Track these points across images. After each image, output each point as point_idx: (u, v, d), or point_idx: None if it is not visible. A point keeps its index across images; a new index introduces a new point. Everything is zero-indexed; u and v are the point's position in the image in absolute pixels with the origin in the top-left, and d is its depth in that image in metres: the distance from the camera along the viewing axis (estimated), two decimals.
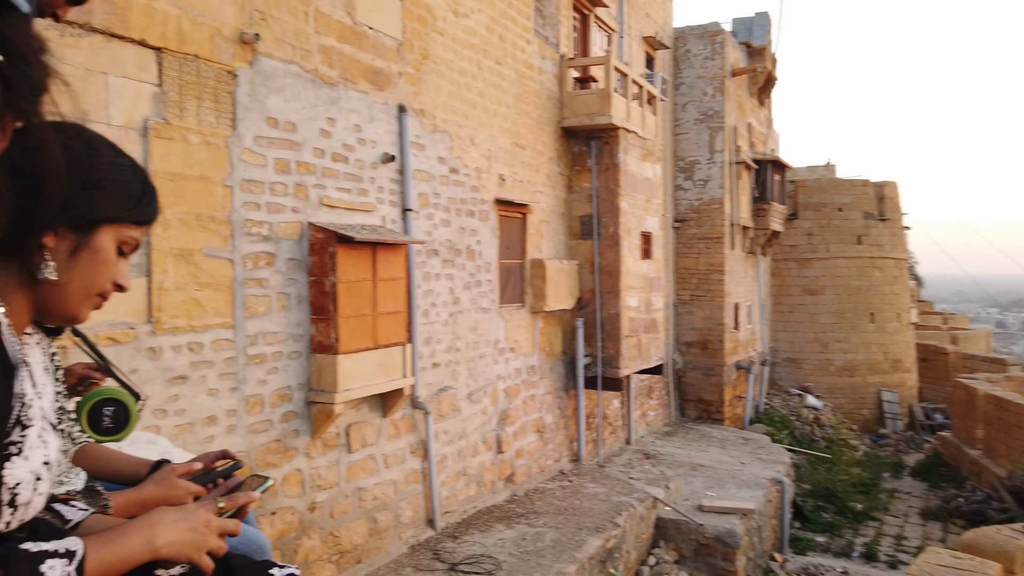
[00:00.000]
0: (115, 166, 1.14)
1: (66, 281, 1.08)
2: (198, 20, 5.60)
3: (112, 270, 1.14)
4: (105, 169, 1.12)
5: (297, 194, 6.62)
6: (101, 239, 1.11)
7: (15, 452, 0.97)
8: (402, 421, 8.00)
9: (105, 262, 1.12)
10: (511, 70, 10.31)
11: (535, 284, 10.89)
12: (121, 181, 1.14)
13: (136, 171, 1.18)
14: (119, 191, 1.13)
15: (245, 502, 1.32)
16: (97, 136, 1.14)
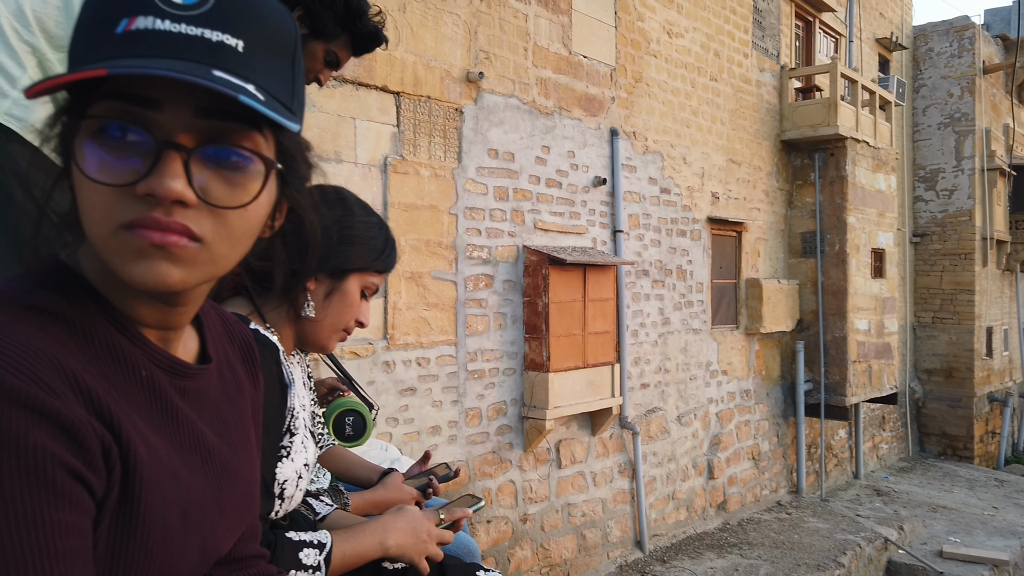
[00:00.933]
0: (365, 224, 1.39)
1: (321, 318, 1.35)
2: (431, 64, 6.16)
3: (356, 310, 1.41)
4: (357, 228, 1.37)
5: (514, 219, 7.00)
6: (349, 284, 1.36)
7: (284, 455, 1.21)
8: (611, 440, 8.10)
9: (351, 304, 1.38)
10: (727, 85, 10.08)
11: (750, 304, 10.51)
12: (369, 237, 1.38)
13: (381, 228, 1.42)
14: (367, 246, 1.37)
15: (460, 517, 1.53)
16: (353, 198, 1.40)
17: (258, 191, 0.62)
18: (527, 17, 7.05)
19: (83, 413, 0.57)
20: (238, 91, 0.56)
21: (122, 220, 0.58)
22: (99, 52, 0.57)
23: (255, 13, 0.61)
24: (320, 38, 1.87)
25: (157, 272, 0.59)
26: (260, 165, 0.62)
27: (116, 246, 0.59)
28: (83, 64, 0.58)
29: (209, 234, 0.61)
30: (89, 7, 0.60)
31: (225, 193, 0.61)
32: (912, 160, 16.53)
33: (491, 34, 6.71)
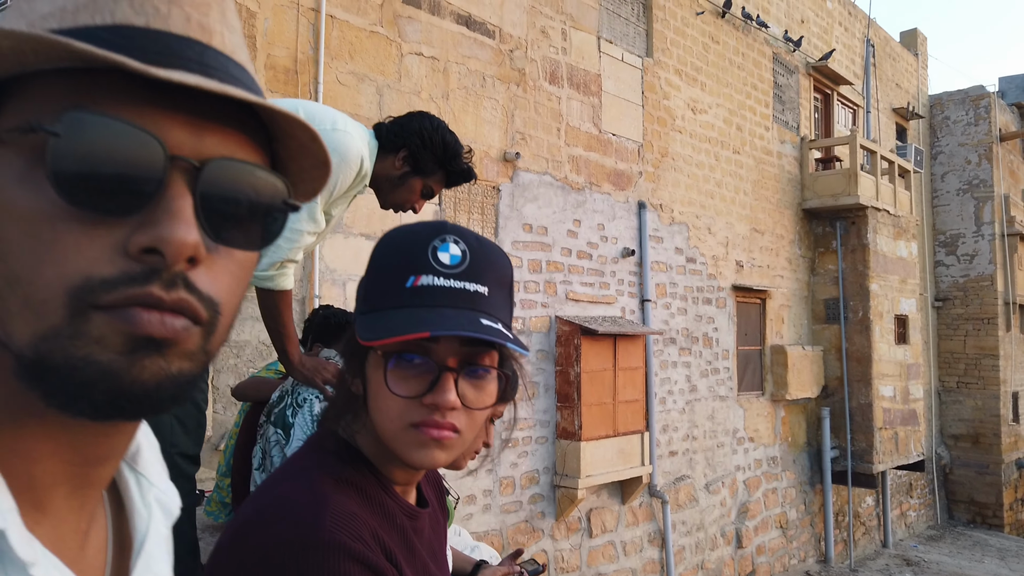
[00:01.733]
0: None
1: None
2: (472, 146, 6.48)
3: None
4: None
5: (547, 290, 7.23)
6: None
7: None
8: (640, 509, 8.15)
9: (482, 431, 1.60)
10: (749, 157, 10.39)
11: (775, 371, 10.60)
12: None
13: None
14: None
15: None
16: None
17: (496, 395, 0.85)
18: (560, 100, 7.41)
19: (385, 561, 0.80)
20: (501, 337, 0.80)
21: (411, 420, 0.82)
22: (396, 300, 0.82)
23: (493, 264, 0.86)
24: (420, 175, 2.13)
25: (432, 457, 0.83)
26: (496, 374, 0.86)
27: (404, 439, 0.82)
28: (386, 307, 0.82)
29: (464, 426, 0.83)
30: (379, 262, 0.86)
31: (475, 397, 0.84)
32: (932, 225, 16.70)
33: (527, 116, 7.05)
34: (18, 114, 0.44)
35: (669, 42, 9.00)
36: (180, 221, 0.43)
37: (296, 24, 5.23)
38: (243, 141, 0.49)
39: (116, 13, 0.45)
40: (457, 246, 0.85)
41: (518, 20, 7.01)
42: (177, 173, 0.45)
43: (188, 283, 0.45)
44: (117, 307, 0.43)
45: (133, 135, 0.43)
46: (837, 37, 12.96)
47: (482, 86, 6.64)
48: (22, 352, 0.43)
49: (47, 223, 0.42)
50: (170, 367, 0.45)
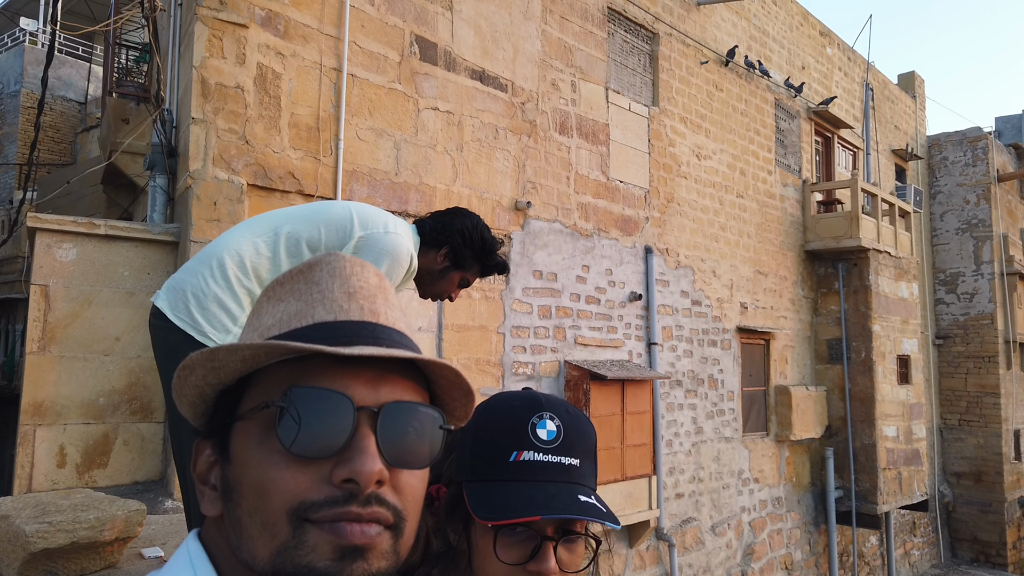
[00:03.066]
0: None
1: None
2: (483, 196, 6.65)
3: None
4: None
5: (556, 335, 7.35)
6: None
7: None
8: (648, 552, 8.19)
9: None
10: (752, 201, 10.58)
11: (780, 412, 10.68)
12: None
13: None
14: None
15: None
16: None
17: (589, 557, 0.96)
18: (569, 149, 7.60)
19: None
20: (598, 516, 0.90)
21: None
22: (501, 473, 0.93)
23: (583, 435, 0.97)
24: (459, 269, 2.27)
25: None
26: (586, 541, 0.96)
27: None
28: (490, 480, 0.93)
29: None
30: (485, 437, 0.96)
31: (569, 560, 0.94)
32: (932, 264, 16.87)
33: (537, 166, 7.23)
34: (256, 397, 0.63)
35: (675, 91, 9.22)
36: (368, 456, 0.60)
37: (319, 84, 5.42)
38: (408, 386, 0.66)
39: (315, 315, 0.66)
40: (553, 422, 0.94)
41: (530, 74, 7.22)
42: (363, 419, 0.62)
43: (379, 498, 0.61)
44: (325, 522, 0.58)
45: (331, 396, 0.61)
46: (837, 82, 13.24)
47: (495, 138, 6.82)
48: (264, 569, 0.58)
49: (274, 468, 0.60)
50: (371, 567, 0.60)
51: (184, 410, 0.66)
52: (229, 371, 0.63)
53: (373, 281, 0.70)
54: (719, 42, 10.11)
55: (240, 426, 0.63)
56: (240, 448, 0.62)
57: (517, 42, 7.12)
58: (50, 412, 4.38)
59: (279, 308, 0.67)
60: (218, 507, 0.64)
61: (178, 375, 0.63)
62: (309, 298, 0.66)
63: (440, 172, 6.30)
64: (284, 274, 0.70)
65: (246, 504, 0.60)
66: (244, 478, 0.61)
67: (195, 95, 4.72)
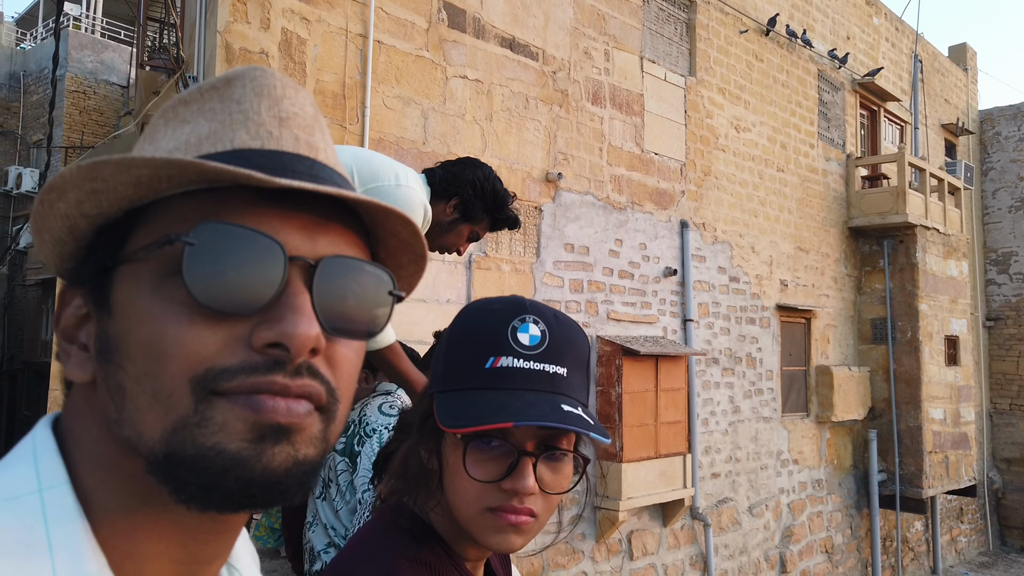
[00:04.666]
0: None
1: None
2: (513, 167, 6.53)
3: None
4: None
5: (588, 310, 7.22)
6: None
7: None
8: (682, 532, 8.05)
9: None
10: (794, 175, 10.27)
11: (821, 392, 10.40)
12: None
13: None
14: None
15: None
16: None
17: (575, 477, 0.84)
18: (602, 120, 7.43)
19: None
20: (582, 426, 0.78)
21: (488, 505, 0.81)
22: (475, 381, 0.82)
23: (571, 343, 0.85)
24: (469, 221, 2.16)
25: (509, 543, 0.82)
26: (571, 456, 0.86)
27: (481, 522, 0.82)
28: (464, 387, 0.82)
29: (540, 510, 0.83)
30: (459, 342, 0.85)
31: (553, 480, 0.83)
32: (983, 243, 16.27)
33: (569, 137, 7.08)
34: (151, 235, 0.48)
35: (712, 61, 8.96)
36: (303, 316, 0.47)
37: (344, 50, 5.35)
38: (351, 240, 0.53)
39: (235, 140, 0.50)
40: (537, 326, 0.84)
41: (561, 42, 7.06)
42: (296, 271, 0.48)
43: (312, 370, 0.48)
44: (240, 394, 0.45)
45: (258, 240, 0.47)
46: (884, 53, 12.76)
47: (525, 107, 6.69)
48: (153, 449, 0.45)
49: (174, 322, 0.46)
50: (297, 453, 0.47)
51: (45, 251, 0.51)
52: (115, 197, 0.47)
53: (310, 110, 0.54)
54: (759, 10, 9.79)
55: (127, 270, 0.48)
56: (126, 298, 0.47)
57: (548, 9, 6.95)
58: None
59: (183, 130, 0.51)
60: (88, 371, 0.49)
61: (41, 201, 0.47)
62: (227, 119, 0.51)
63: (469, 142, 6.19)
64: (190, 90, 0.53)
65: (132, 368, 0.46)
66: (131, 335, 0.47)
67: (219, 60, 4.68)
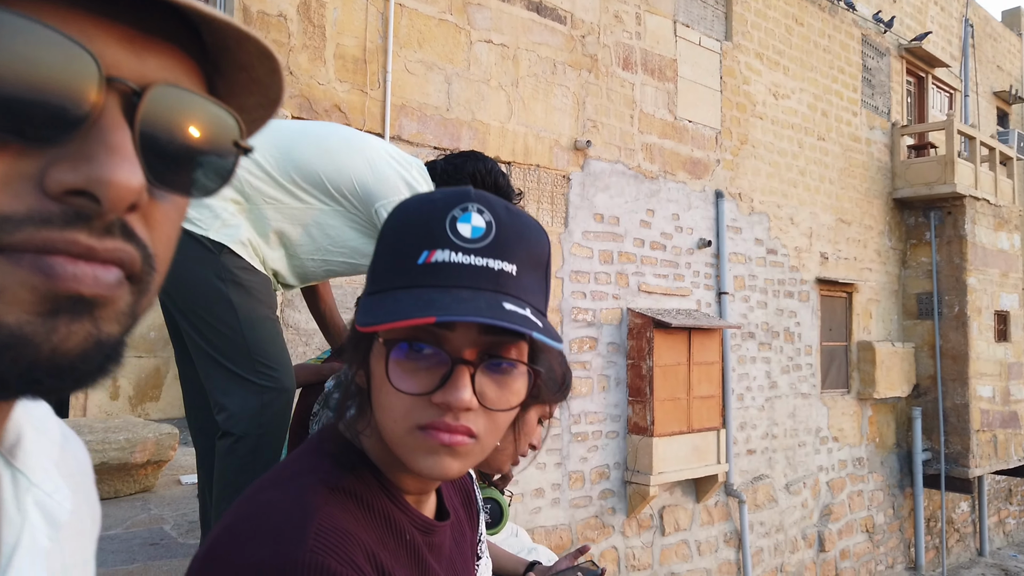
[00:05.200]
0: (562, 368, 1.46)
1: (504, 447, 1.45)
2: (540, 135, 6.38)
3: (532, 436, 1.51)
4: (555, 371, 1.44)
5: (618, 282, 7.06)
6: (530, 413, 1.45)
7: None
8: (715, 508, 7.89)
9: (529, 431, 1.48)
10: (835, 144, 9.91)
11: (862, 368, 10.09)
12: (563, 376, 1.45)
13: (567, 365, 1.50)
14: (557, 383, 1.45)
15: None
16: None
17: (523, 393, 0.72)
18: (633, 86, 7.21)
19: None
20: (527, 325, 0.65)
21: (418, 422, 0.68)
22: (405, 279, 0.69)
23: (523, 239, 0.72)
24: None
25: (443, 466, 0.69)
26: (524, 369, 0.72)
27: (410, 442, 0.69)
28: (392, 287, 0.70)
29: (482, 430, 0.70)
30: (390, 236, 0.73)
31: (497, 396, 0.70)
32: None
33: (599, 104, 6.89)
34: None
35: (750, 25, 8.65)
36: (121, 159, 0.35)
37: (365, 14, 5.24)
38: (189, 67, 0.40)
39: None
40: (481, 216, 0.70)
41: (590, 5, 6.85)
42: (113, 98, 0.36)
43: (127, 230, 0.37)
44: (27, 251, 0.34)
45: (61, 46, 0.34)
46: (932, 17, 12.22)
47: (553, 73, 6.52)
48: None
49: None
50: (100, 332, 0.36)
51: None
52: None
53: None
54: None
55: None
56: None
57: None
58: None
59: None
60: None
61: None
62: None
63: (494, 109, 6.06)
64: None
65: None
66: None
67: None
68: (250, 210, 1.79)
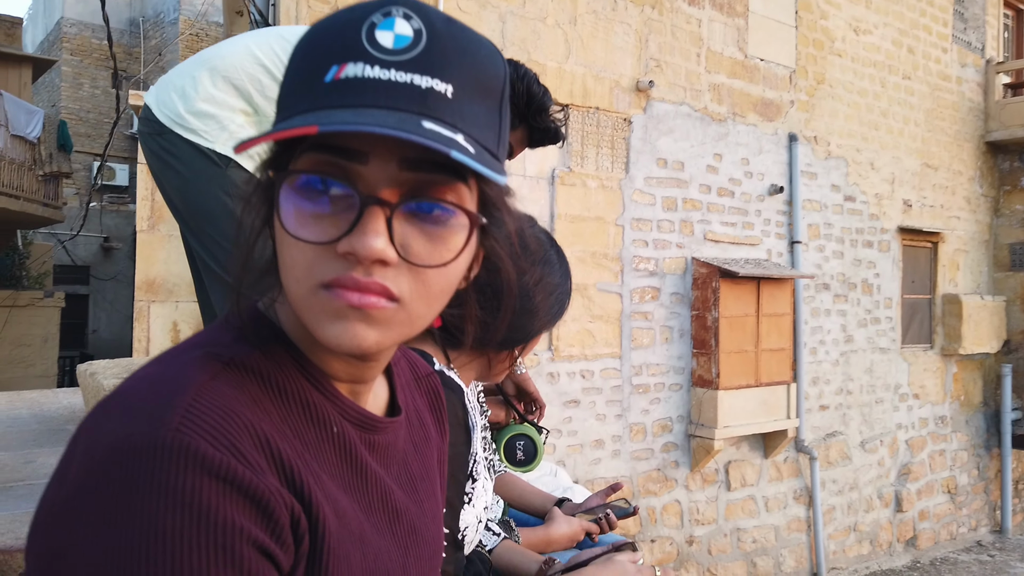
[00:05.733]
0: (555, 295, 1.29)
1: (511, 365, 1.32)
2: (600, 76, 6.12)
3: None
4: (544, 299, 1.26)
5: (682, 230, 6.79)
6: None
7: (466, 502, 1.16)
8: (785, 464, 7.64)
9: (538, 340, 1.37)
10: (922, 83, 9.25)
11: (948, 322, 9.53)
12: (553, 307, 1.29)
13: (566, 291, 1.34)
14: (549, 315, 1.29)
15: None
16: (554, 253, 1.30)
17: (461, 248, 0.58)
18: (700, 22, 6.84)
19: (275, 484, 0.54)
20: (449, 145, 0.51)
21: (321, 279, 0.55)
22: (308, 101, 0.55)
23: (466, 54, 0.57)
24: None
25: (353, 335, 0.56)
26: (464, 219, 0.57)
27: (314, 305, 0.56)
28: (293, 113, 0.56)
29: (407, 293, 0.57)
30: (298, 54, 0.59)
31: (426, 250, 0.56)
32: None
33: (662, 41, 6.57)
34: None
35: None
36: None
37: None
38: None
39: None
40: (409, 23, 0.55)
41: None
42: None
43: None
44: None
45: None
46: None
47: (613, 9, 6.22)
48: None
49: None
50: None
51: None
52: None
53: None
54: None
55: None
56: None
57: None
58: (162, 290, 4.51)
59: None
60: None
61: None
62: None
63: (551, 48, 5.83)
64: None
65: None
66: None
67: None
68: (259, 121, 1.69)
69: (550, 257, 1.27)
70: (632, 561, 1.34)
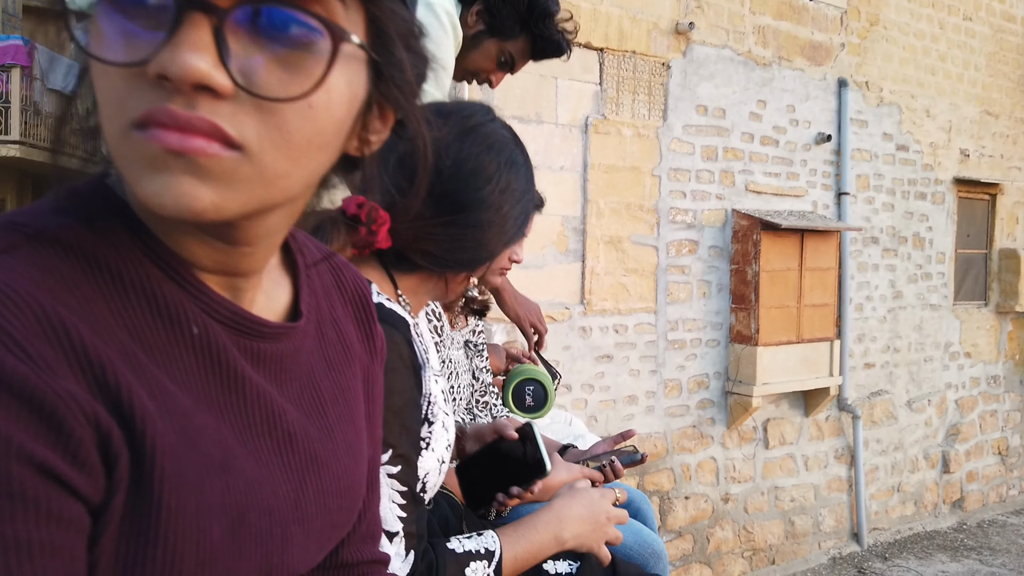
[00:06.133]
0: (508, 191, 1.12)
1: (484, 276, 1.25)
2: (637, 17, 5.85)
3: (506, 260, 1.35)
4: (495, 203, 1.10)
5: (722, 181, 6.54)
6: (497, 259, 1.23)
7: (424, 447, 1.06)
8: (826, 423, 7.43)
9: (500, 264, 1.33)
10: (984, 25, 8.69)
11: (1004, 279, 9.10)
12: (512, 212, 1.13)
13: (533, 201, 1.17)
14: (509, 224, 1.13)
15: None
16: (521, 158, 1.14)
17: (323, 75, 0.43)
18: None
19: (71, 387, 0.41)
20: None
21: (132, 116, 0.41)
22: None
23: None
24: (497, 36, 1.71)
25: (180, 192, 0.42)
26: (331, 40, 0.43)
27: (127, 152, 0.43)
28: None
29: (255, 139, 0.43)
30: None
31: (279, 80, 0.42)
32: None
33: None
34: None
35: None
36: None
37: None
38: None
39: None
40: None
41: None
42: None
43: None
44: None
45: None
46: None
47: None
48: None
49: None
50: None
51: None
52: None
53: None
54: None
55: None
56: None
57: None
58: None
59: None
60: None
61: None
62: None
63: None
64: None
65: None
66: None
67: None
68: None
69: (515, 158, 1.11)
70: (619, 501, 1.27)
